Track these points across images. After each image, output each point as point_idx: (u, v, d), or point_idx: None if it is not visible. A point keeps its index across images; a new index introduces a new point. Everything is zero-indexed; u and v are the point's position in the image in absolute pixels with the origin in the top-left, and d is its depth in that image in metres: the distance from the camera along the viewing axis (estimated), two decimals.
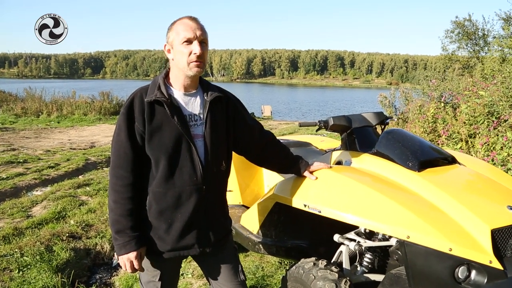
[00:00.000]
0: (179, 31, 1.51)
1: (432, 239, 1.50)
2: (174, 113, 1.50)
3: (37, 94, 17.62)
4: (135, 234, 1.53)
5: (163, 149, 1.50)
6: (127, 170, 1.50)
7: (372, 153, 2.16)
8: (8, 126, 13.33)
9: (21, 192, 5.31)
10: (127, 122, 1.50)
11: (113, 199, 1.52)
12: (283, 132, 12.34)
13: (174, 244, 1.57)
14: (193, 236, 1.58)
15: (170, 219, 1.55)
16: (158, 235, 1.56)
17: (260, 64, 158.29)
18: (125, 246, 1.52)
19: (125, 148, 1.50)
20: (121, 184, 1.51)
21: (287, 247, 2.22)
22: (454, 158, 2.13)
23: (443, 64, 18.65)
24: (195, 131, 1.57)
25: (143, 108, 1.50)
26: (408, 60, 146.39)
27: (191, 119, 1.57)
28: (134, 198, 1.52)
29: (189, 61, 1.51)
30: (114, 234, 1.54)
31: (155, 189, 1.53)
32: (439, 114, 5.69)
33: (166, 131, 1.50)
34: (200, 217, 1.58)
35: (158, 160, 1.51)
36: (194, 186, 1.54)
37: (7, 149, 8.43)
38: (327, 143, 3.54)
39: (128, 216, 1.51)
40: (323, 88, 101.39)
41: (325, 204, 1.74)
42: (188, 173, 1.53)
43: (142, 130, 1.50)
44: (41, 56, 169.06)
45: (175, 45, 1.53)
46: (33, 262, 3.12)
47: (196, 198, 1.54)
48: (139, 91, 1.56)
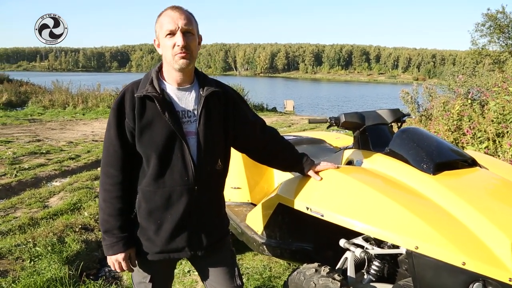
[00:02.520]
0: (162, 24, 1.44)
1: (443, 251, 1.36)
2: (166, 109, 1.42)
3: (64, 86, 18.11)
4: (123, 235, 1.47)
5: (154, 146, 1.43)
6: (116, 168, 1.45)
7: (385, 153, 2.03)
8: (36, 117, 13.76)
9: (41, 183, 5.43)
10: (117, 119, 1.44)
11: (103, 198, 1.47)
12: (304, 127, 12.16)
13: (164, 246, 1.50)
14: (183, 238, 1.51)
15: (159, 220, 1.48)
16: (147, 236, 1.50)
17: (284, 59, 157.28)
18: (113, 247, 1.47)
19: (115, 145, 1.44)
20: (111, 182, 1.45)
21: (292, 250, 2.12)
22: (474, 161, 1.97)
23: (472, 59, 17.87)
24: (188, 128, 1.48)
25: (133, 103, 1.43)
26: (436, 55, 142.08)
27: (184, 115, 1.49)
28: (124, 197, 1.47)
29: (173, 54, 1.42)
30: (103, 233, 1.50)
31: (144, 188, 1.47)
32: (465, 112, 5.41)
33: (157, 128, 1.43)
34: (191, 219, 1.50)
35: (148, 158, 1.45)
36: (185, 186, 1.46)
37: (33, 140, 8.68)
38: (343, 140, 3.41)
39: (117, 216, 1.46)
40: (347, 83, 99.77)
41: (328, 207, 1.63)
42: (179, 172, 1.45)
43: (133, 127, 1.43)
44: (70, 50, 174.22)
45: (161, 38, 1.46)
46: (44, 253, 3.15)
47: (187, 198, 1.47)
48: (131, 85, 1.49)
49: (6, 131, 9.90)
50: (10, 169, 5.86)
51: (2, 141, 8.13)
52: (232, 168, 3.09)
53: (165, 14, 1.44)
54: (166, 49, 1.44)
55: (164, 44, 1.44)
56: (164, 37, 1.43)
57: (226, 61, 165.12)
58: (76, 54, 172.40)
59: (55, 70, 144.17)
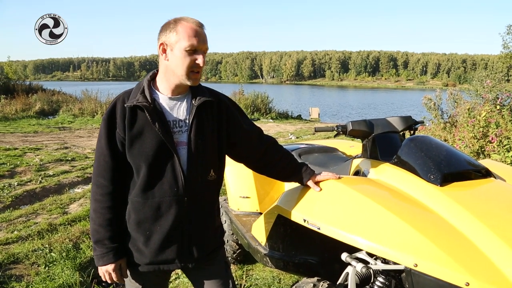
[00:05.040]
0: (186, 36, 1.37)
1: (445, 269, 1.26)
2: (156, 119, 1.41)
3: (93, 95, 18.74)
4: (113, 246, 1.47)
5: (143, 157, 1.41)
6: (107, 178, 1.44)
7: (392, 163, 1.94)
8: (66, 125, 14.28)
9: (63, 189, 5.59)
10: (107, 129, 1.43)
11: (93, 208, 1.47)
12: (328, 135, 12.01)
13: (153, 258, 1.48)
14: (173, 250, 1.48)
15: (148, 231, 1.46)
16: (136, 247, 1.49)
17: (310, 66, 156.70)
18: (103, 258, 1.46)
19: (105, 156, 1.43)
20: (101, 193, 1.45)
21: (295, 263, 2.05)
22: (488, 171, 1.85)
23: (504, 63, 17.11)
24: (180, 138, 1.46)
25: (124, 113, 1.42)
26: (467, 60, 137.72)
27: (176, 125, 1.47)
28: (114, 208, 1.46)
29: (190, 70, 1.41)
30: (93, 244, 1.49)
31: (134, 198, 1.46)
32: (493, 118, 5.15)
33: (147, 138, 1.41)
34: (181, 231, 1.48)
35: (138, 169, 1.44)
36: (175, 197, 1.43)
37: (60, 147, 8.99)
38: (357, 149, 3.31)
39: (107, 226, 1.45)
40: (374, 90, 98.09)
41: (325, 220, 1.56)
42: (168, 183, 1.43)
43: (123, 137, 1.42)
44: (101, 60, 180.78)
45: (176, 48, 1.39)
46: (59, 258, 3.22)
47: (176, 210, 1.44)
48: (122, 95, 1.48)
49: (37, 138, 10.32)
50: (36, 175, 6.08)
51: (32, 149, 8.46)
52: (241, 177, 3.10)
53: (191, 28, 1.39)
54: (182, 63, 1.39)
55: (181, 56, 1.39)
56: (184, 50, 1.38)
57: (252, 69, 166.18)
58: (106, 64, 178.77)
59: (87, 80, 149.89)
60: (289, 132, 12.48)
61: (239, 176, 3.01)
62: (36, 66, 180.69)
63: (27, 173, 6.26)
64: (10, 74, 21.40)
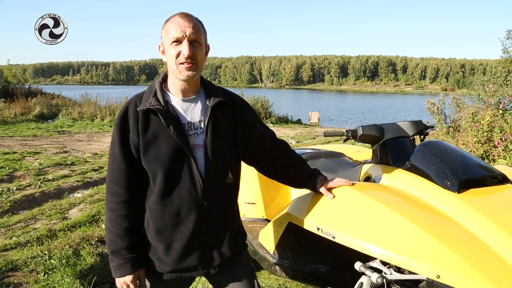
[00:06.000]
0: (168, 31, 1.36)
1: (470, 282, 1.20)
2: (170, 123, 1.35)
3: (92, 99, 18.68)
4: (131, 256, 1.40)
5: (160, 162, 1.36)
6: (122, 186, 1.38)
7: (405, 169, 1.88)
8: (65, 129, 14.22)
9: (63, 194, 5.51)
10: (120, 134, 1.38)
11: (108, 218, 1.41)
12: (329, 139, 11.98)
13: (175, 266, 1.42)
14: (195, 257, 1.43)
15: (168, 239, 1.41)
16: (157, 256, 1.43)
17: (309, 71, 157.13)
18: (121, 269, 1.39)
19: (119, 162, 1.38)
20: (116, 201, 1.39)
21: (305, 272, 1.99)
22: (505, 177, 1.79)
23: (504, 67, 17.13)
24: (195, 141, 1.41)
25: (137, 117, 1.37)
26: (465, 65, 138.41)
27: (191, 127, 1.42)
28: (131, 216, 1.40)
29: (177, 63, 1.35)
30: (110, 254, 1.43)
31: (152, 206, 1.40)
32: (496, 123, 5.12)
33: (162, 143, 1.36)
34: (202, 236, 1.43)
35: (155, 175, 1.38)
36: (194, 202, 1.38)
37: (60, 151, 8.91)
38: (363, 154, 3.26)
39: (124, 236, 1.39)
40: (373, 95, 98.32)
41: (341, 228, 1.50)
42: (186, 188, 1.38)
43: (137, 142, 1.37)
44: (100, 64, 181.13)
45: (166, 46, 1.38)
46: (59, 266, 3.14)
47: (196, 215, 1.39)
48: (134, 98, 1.43)
49: (36, 142, 10.24)
50: (35, 180, 6.00)
51: (31, 153, 8.38)
52: (247, 182, 3.03)
53: (173, 20, 1.36)
54: (170, 58, 1.37)
55: (169, 52, 1.37)
56: (170, 45, 1.36)
57: (251, 74, 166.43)
58: (106, 68, 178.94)
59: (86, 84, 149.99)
60: (289, 137, 12.43)
61: (244, 181, 2.90)
62: (35, 70, 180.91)
63: (26, 178, 6.19)
64: (9, 78, 21.36)
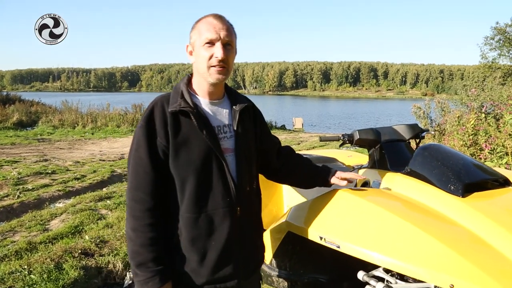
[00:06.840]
0: (201, 31, 1.32)
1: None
2: (203, 125, 1.30)
3: (73, 106, 18.29)
4: (159, 268, 1.28)
5: (192, 166, 1.29)
6: (147, 192, 1.28)
7: (405, 173, 1.83)
8: (45, 137, 13.83)
9: (44, 204, 5.29)
10: (147, 137, 1.29)
11: (132, 227, 1.29)
12: (314, 145, 11.99)
13: (210, 276, 1.34)
14: (230, 266, 1.36)
15: (203, 249, 1.32)
16: (190, 267, 1.33)
17: (292, 77, 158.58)
18: (148, 283, 1.26)
19: (145, 166, 1.28)
20: (141, 208, 1.28)
21: (304, 282, 1.91)
22: (507, 180, 1.76)
23: (482, 72, 17.65)
24: (226, 145, 1.37)
25: (165, 119, 1.29)
26: (444, 70, 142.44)
27: (220, 131, 1.37)
28: (157, 225, 1.29)
29: (209, 66, 1.30)
30: (134, 268, 1.29)
31: (184, 214, 1.31)
32: (480, 126, 5.21)
33: (194, 146, 1.29)
34: (236, 244, 1.37)
35: (185, 180, 1.30)
36: (228, 207, 1.32)
37: (40, 160, 8.62)
38: (355, 158, 3.22)
39: (150, 246, 1.27)
40: (355, 100, 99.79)
41: (345, 237, 1.43)
42: (220, 194, 1.32)
43: (166, 146, 1.29)
44: (81, 71, 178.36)
45: (196, 46, 1.33)
46: (39, 281, 2.96)
47: (230, 221, 1.33)
48: (159, 99, 1.35)
49: (14, 150, 9.90)
50: (14, 189, 5.75)
51: (9, 161, 8.08)
52: None
53: (206, 21, 1.33)
54: (201, 59, 1.32)
55: (200, 53, 1.32)
56: (202, 46, 1.31)
57: (235, 80, 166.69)
58: (87, 74, 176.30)
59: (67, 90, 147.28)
60: None
61: None
62: (14, 76, 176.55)
63: (3, 187, 5.92)
64: None
